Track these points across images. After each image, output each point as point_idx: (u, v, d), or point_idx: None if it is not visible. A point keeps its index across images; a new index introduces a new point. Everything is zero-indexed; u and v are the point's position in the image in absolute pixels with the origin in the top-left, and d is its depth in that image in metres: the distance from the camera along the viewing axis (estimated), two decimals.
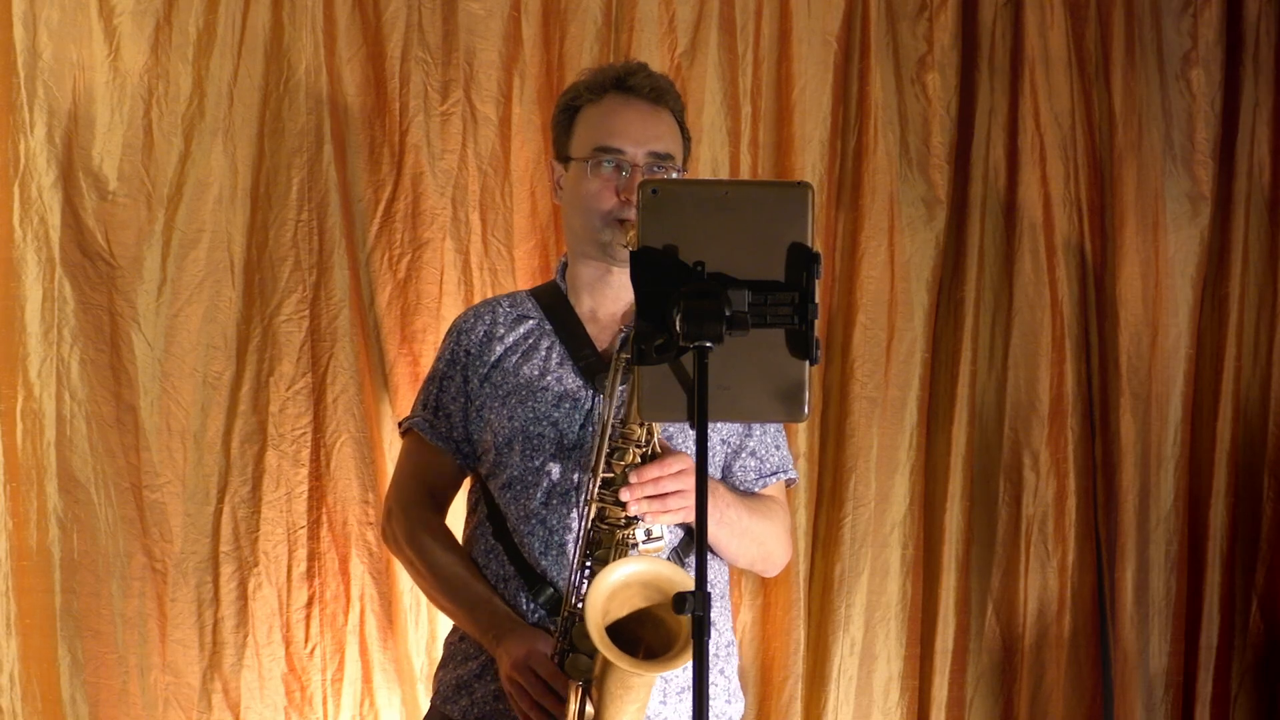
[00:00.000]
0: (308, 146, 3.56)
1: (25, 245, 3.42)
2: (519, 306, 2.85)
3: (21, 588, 3.40)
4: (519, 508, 2.69)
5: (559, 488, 2.67)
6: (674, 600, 2.10)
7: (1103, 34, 4.11)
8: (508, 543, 2.69)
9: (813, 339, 2.20)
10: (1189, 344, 4.15)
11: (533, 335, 2.80)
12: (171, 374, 3.49)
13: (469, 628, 2.70)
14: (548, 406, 2.71)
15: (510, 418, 2.71)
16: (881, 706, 3.91)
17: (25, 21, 3.42)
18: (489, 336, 2.80)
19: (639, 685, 2.44)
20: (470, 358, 2.80)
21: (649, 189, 2.19)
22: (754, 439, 2.81)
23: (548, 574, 2.65)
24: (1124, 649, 4.03)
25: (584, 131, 2.80)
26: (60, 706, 3.40)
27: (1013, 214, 4.04)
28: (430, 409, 2.82)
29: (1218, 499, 4.13)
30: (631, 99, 2.80)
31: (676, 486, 2.54)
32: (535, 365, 2.75)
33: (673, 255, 2.18)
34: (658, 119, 2.80)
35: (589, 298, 2.81)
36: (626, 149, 2.75)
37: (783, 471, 2.85)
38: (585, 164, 2.76)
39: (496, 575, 2.70)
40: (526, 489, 2.68)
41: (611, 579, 2.43)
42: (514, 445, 2.69)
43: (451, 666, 2.75)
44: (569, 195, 2.81)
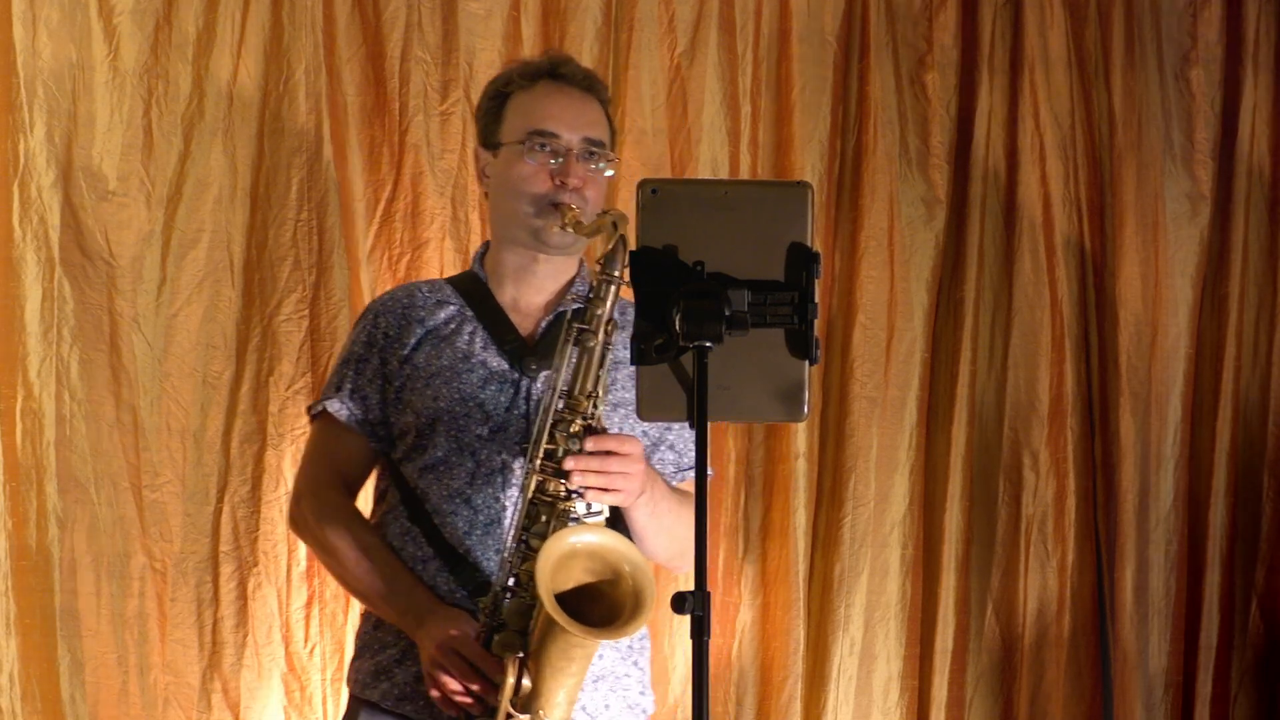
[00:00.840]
0: (308, 146, 3.56)
1: (25, 245, 3.42)
2: (438, 292, 2.79)
3: (21, 588, 3.40)
4: (442, 488, 2.64)
5: (484, 468, 2.63)
6: (673, 600, 2.10)
7: (1103, 34, 4.11)
8: (427, 525, 2.64)
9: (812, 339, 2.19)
10: (1189, 344, 4.16)
11: (454, 320, 2.74)
12: (171, 374, 3.49)
13: (386, 612, 2.64)
14: (473, 388, 2.67)
15: (435, 398, 2.66)
16: (881, 706, 3.91)
17: (25, 21, 3.42)
18: (407, 319, 2.75)
19: (580, 657, 2.42)
20: (389, 340, 2.73)
21: (649, 189, 2.19)
22: (673, 433, 2.77)
23: (471, 554, 2.61)
24: (1124, 649, 4.03)
25: (516, 117, 2.75)
26: (60, 706, 3.40)
27: (1013, 214, 4.04)
28: (345, 392, 2.74)
29: (1218, 499, 4.13)
30: (564, 86, 2.77)
31: (623, 468, 2.49)
32: (459, 349, 2.71)
33: (672, 255, 2.18)
34: (590, 106, 2.77)
35: (512, 286, 2.76)
36: (561, 133, 2.71)
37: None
38: (519, 147, 2.71)
39: (413, 558, 2.64)
40: (451, 469, 2.64)
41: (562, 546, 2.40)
42: (438, 426, 2.64)
43: (368, 655, 2.69)
44: (498, 180, 2.76)
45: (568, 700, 2.45)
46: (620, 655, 2.68)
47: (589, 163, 2.71)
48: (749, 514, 3.87)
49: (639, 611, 2.39)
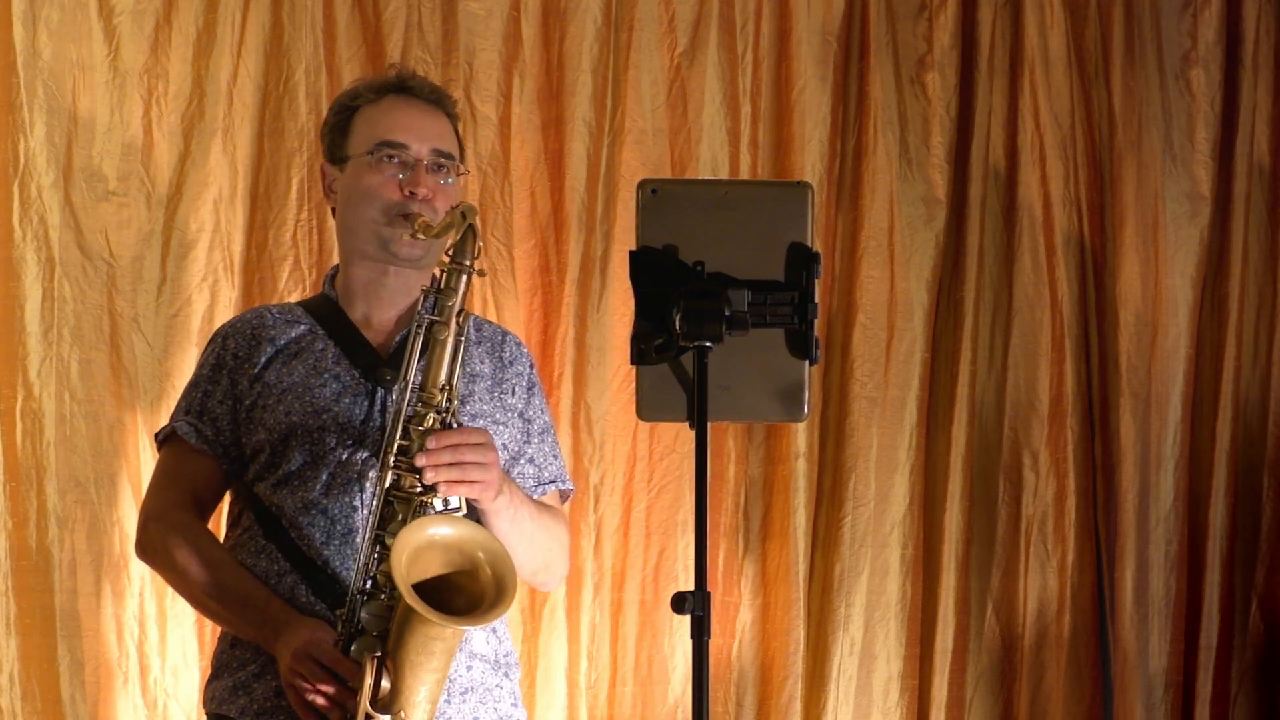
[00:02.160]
0: (308, 146, 3.56)
1: (25, 245, 3.42)
2: (288, 313, 2.76)
3: (21, 588, 3.40)
4: (296, 500, 2.58)
5: (339, 477, 2.58)
6: (673, 601, 2.10)
7: (1103, 34, 4.11)
8: (282, 539, 2.59)
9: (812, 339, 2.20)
10: (1189, 344, 4.15)
11: (305, 339, 2.70)
12: (171, 374, 3.49)
13: (242, 629, 2.59)
14: (327, 400, 2.62)
15: (287, 413, 2.61)
16: (881, 706, 3.91)
17: (25, 21, 3.42)
18: (256, 339, 2.70)
19: (440, 650, 2.37)
20: (238, 360, 2.69)
21: (649, 189, 2.19)
22: (533, 446, 2.73)
23: (330, 564, 2.56)
24: (1124, 649, 4.03)
25: (364, 129, 2.72)
26: (60, 706, 3.40)
27: (1013, 214, 4.04)
28: (195, 414, 2.69)
29: (1218, 499, 4.12)
30: (411, 99, 2.75)
31: (476, 458, 2.45)
32: (310, 364, 2.66)
33: (672, 255, 2.18)
34: (437, 119, 2.75)
35: (363, 303, 2.72)
36: (410, 144, 2.68)
37: (560, 481, 2.77)
38: (367, 158, 2.68)
39: (269, 573, 2.59)
40: (305, 481, 2.58)
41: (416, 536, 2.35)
42: (291, 440, 2.60)
43: (226, 675, 2.62)
44: (346, 194, 2.72)
45: (429, 699, 2.39)
46: (490, 666, 2.63)
47: (438, 175, 2.67)
48: (749, 514, 3.86)
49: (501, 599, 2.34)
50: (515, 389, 2.71)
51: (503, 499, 2.49)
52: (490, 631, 2.64)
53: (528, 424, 2.72)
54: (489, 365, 2.71)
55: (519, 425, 2.71)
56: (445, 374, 2.48)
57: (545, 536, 2.64)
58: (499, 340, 2.77)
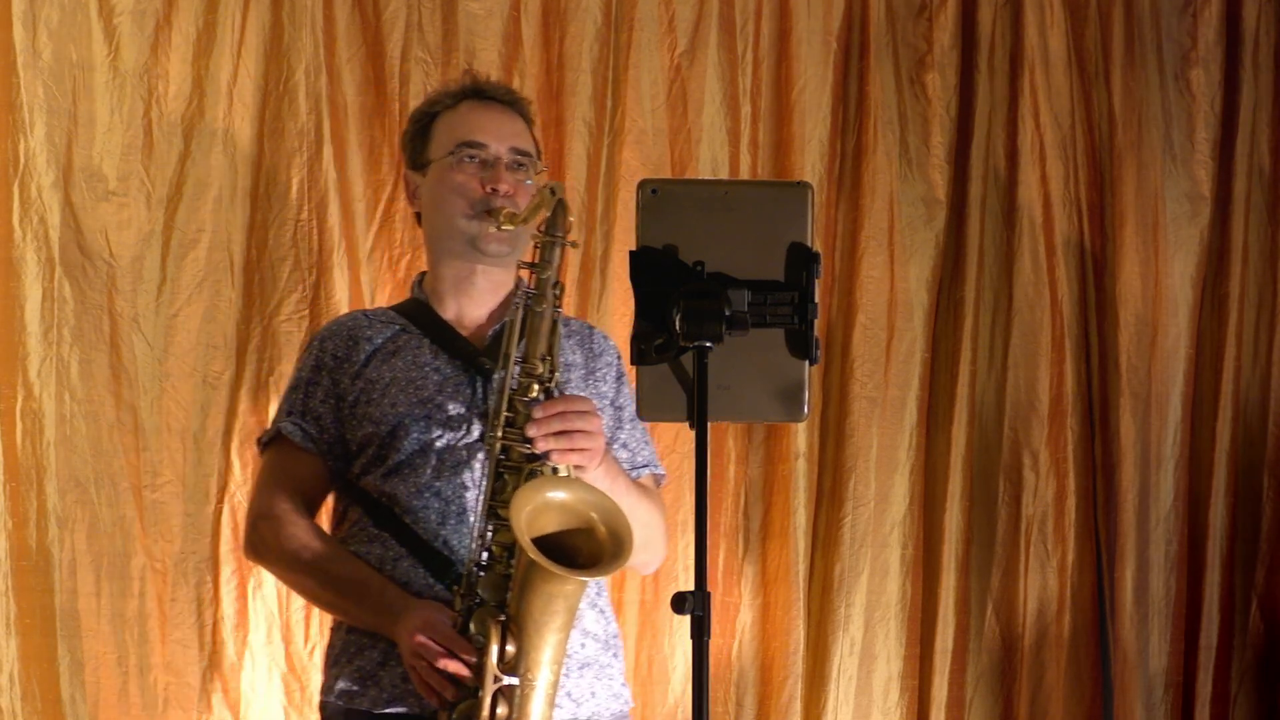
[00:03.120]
0: (308, 146, 3.56)
1: (25, 245, 3.42)
2: (381, 315, 2.86)
3: (21, 588, 3.40)
4: (409, 486, 2.65)
5: (449, 460, 2.65)
6: (673, 601, 2.10)
7: (1103, 34, 4.11)
8: (396, 526, 2.65)
9: (812, 339, 2.20)
10: (1189, 344, 4.15)
11: (400, 338, 2.79)
12: (171, 374, 3.49)
13: (360, 618, 2.64)
14: (431, 390, 2.70)
15: (393, 404, 2.69)
16: (881, 706, 3.91)
17: (25, 21, 3.41)
18: (354, 339, 2.79)
19: (563, 609, 2.40)
20: (337, 360, 2.77)
21: (649, 189, 2.20)
22: (625, 432, 2.81)
23: (446, 544, 2.62)
24: (1124, 649, 4.03)
25: (443, 134, 2.83)
26: (60, 706, 3.40)
27: (1013, 214, 4.04)
28: (297, 414, 2.77)
29: (1218, 499, 4.12)
30: (488, 102, 2.86)
31: (583, 425, 2.51)
32: (409, 360, 2.74)
33: (672, 255, 2.18)
34: (513, 119, 2.86)
35: (453, 302, 2.81)
36: (489, 143, 2.78)
37: (652, 466, 2.86)
38: (449, 159, 2.78)
39: (383, 559, 2.65)
40: (415, 468, 2.65)
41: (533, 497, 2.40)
42: (399, 431, 2.67)
43: (344, 662, 2.68)
44: (430, 196, 2.82)
45: (555, 660, 2.44)
46: (600, 645, 2.70)
47: (517, 173, 2.77)
48: (749, 514, 3.87)
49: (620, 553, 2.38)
50: (606, 377, 2.81)
51: (602, 469, 2.56)
52: (599, 612, 2.72)
53: (619, 411, 2.80)
54: (580, 355, 2.80)
55: (610, 413, 2.79)
56: (545, 345, 2.56)
57: (643, 513, 2.69)
58: (586, 333, 2.87)
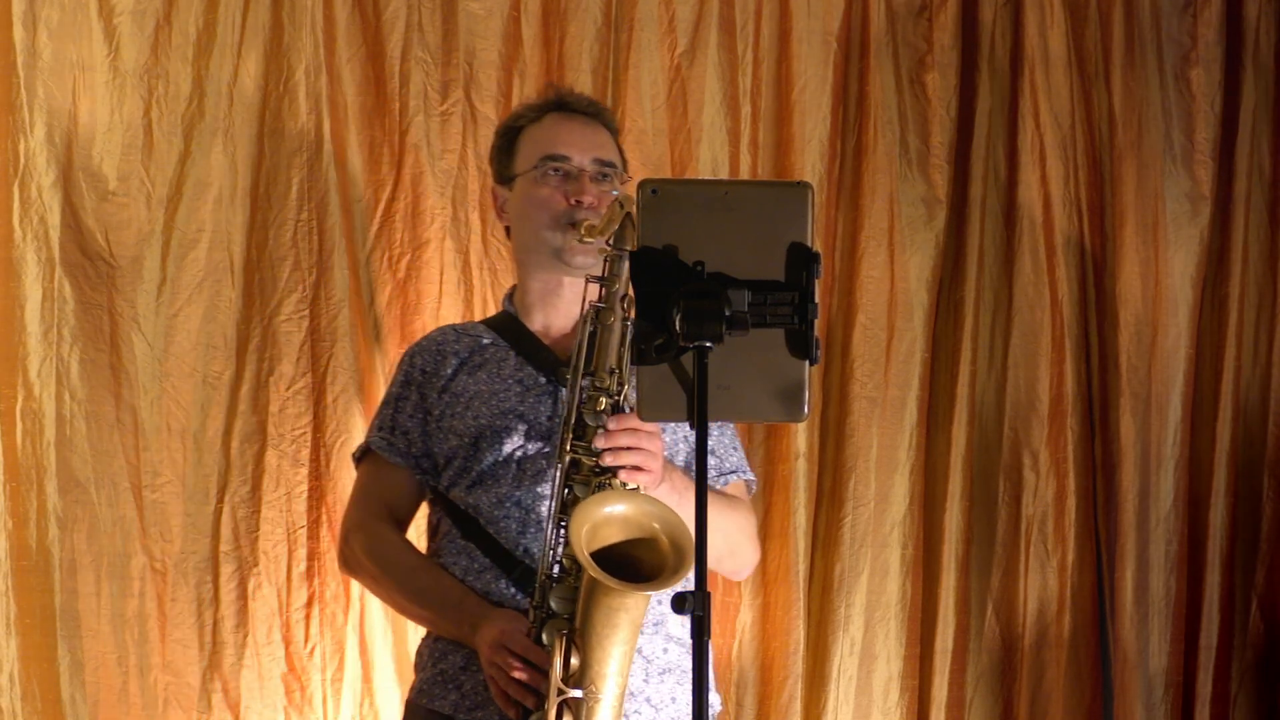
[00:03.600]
0: (308, 146, 3.56)
1: (25, 245, 3.42)
2: (470, 329, 2.91)
3: (21, 588, 3.40)
4: (492, 496, 2.70)
5: (529, 469, 2.70)
6: (673, 601, 2.10)
7: (1103, 34, 4.11)
8: (481, 537, 2.70)
9: (812, 339, 2.20)
10: (1189, 344, 4.15)
11: (488, 350, 2.84)
12: (171, 374, 3.49)
13: (445, 628, 2.71)
14: (513, 401, 2.75)
15: (475, 417, 2.75)
16: (881, 706, 3.91)
17: (25, 21, 3.42)
18: (442, 354, 2.85)
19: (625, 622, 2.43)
20: (425, 376, 2.84)
21: (649, 189, 2.20)
22: (712, 438, 2.82)
23: (529, 552, 2.66)
24: (1124, 649, 4.03)
25: (528, 148, 2.88)
26: (60, 706, 3.40)
27: (1013, 214, 4.04)
28: (387, 429, 2.85)
29: (1218, 499, 4.12)
30: (571, 114, 2.90)
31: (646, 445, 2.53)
32: (494, 372, 2.80)
33: (672, 255, 2.18)
34: (596, 130, 2.90)
35: (540, 314, 2.86)
36: (573, 155, 2.83)
37: (741, 472, 2.89)
38: (533, 173, 2.82)
39: (468, 569, 2.71)
40: (497, 478, 2.70)
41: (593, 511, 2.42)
42: (480, 443, 2.72)
43: (430, 665, 2.75)
44: (517, 210, 2.87)
45: (620, 672, 2.46)
46: (685, 650, 2.71)
47: (602, 184, 2.81)
48: None
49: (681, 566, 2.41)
50: None
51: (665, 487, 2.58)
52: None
53: None
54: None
55: None
56: (614, 358, 2.58)
57: (723, 521, 2.71)
58: None
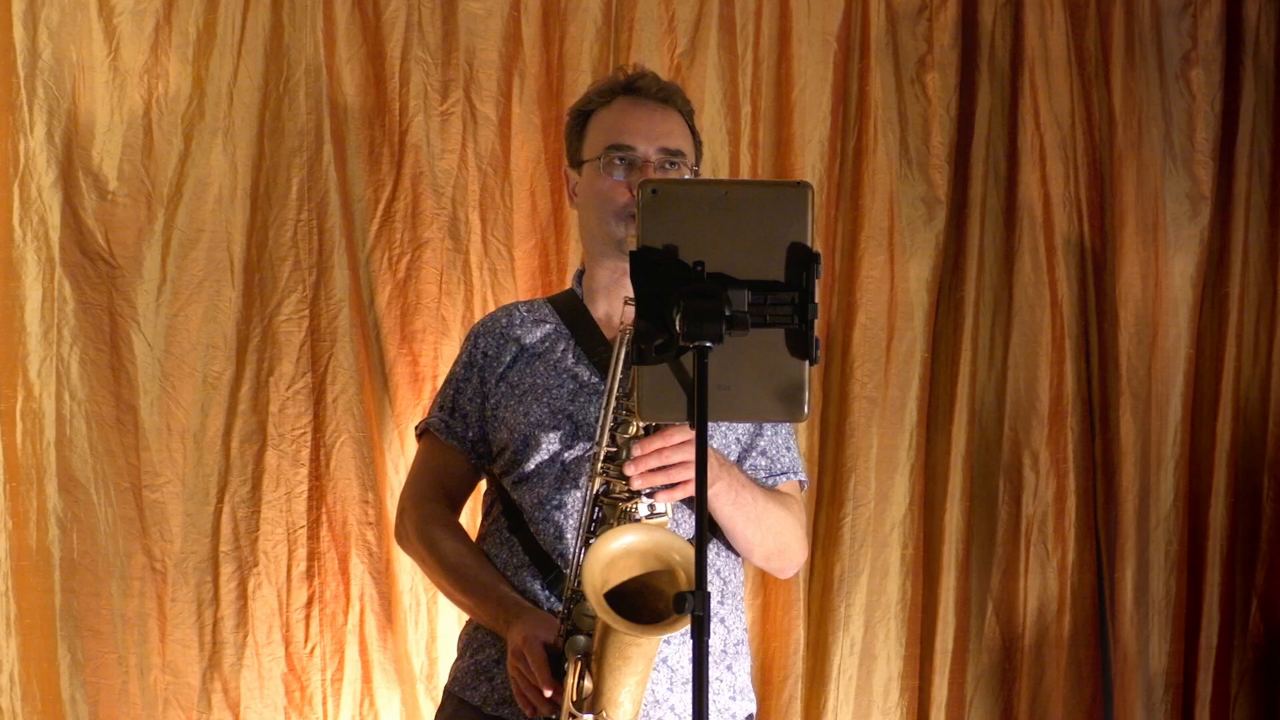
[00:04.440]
0: (308, 146, 3.56)
1: (25, 245, 3.42)
2: (536, 312, 2.90)
3: (21, 588, 3.40)
4: (534, 496, 2.71)
5: (572, 474, 2.71)
6: (674, 600, 2.10)
7: (1103, 34, 4.11)
8: (524, 534, 2.72)
9: (812, 339, 2.19)
10: (1189, 344, 4.15)
11: (549, 339, 2.84)
12: (171, 374, 3.49)
13: (482, 616, 2.73)
14: (564, 400, 2.75)
15: (526, 414, 2.75)
16: (881, 706, 3.91)
17: (25, 21, 3.42)
18: (505, 338, 2.85)
19: (636, 656, 2.43)
20: (487, 359, 2.84)
21: (649, 189, 2.20)
22: (765, 438, 2.83)
23: (564, 556, 2.67)
24: (1124, 649, 4.03)
25: (596, 134, 2.85)
26: (60, 706, 3.40)
27: (1013, 214, 4.04)
28: (447, 410, 2.86)
29: (1218, 499, 4.13)
30: (640, 100, 2.86)
31: (680, 457, 2.52)
32: (551, 364, 2.80)
33: (673, 255, 2.18)
34: (666, 117, 2.86)
35: (604, 301, 2.86)
36: (638, 146, 2.80)
37: (793, 472, 2.87)
38: (598, 163, 2.81)
39: (508, 564, 2.73)
40: (542, 479, 2.71)
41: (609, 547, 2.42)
42: (529, 440, 2.73)
43: (468, 655, 2.78)
44: (584, 197, 2.86)
45: (632, 700, 2.47)
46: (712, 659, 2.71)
47: (668, 173, 2.79)
48: None
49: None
50: None
51: (720, 485, 2.59)
52: (719, 621, 2.75)
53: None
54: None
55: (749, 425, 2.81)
56: None
57: (775, 519, 2.73)
58: None
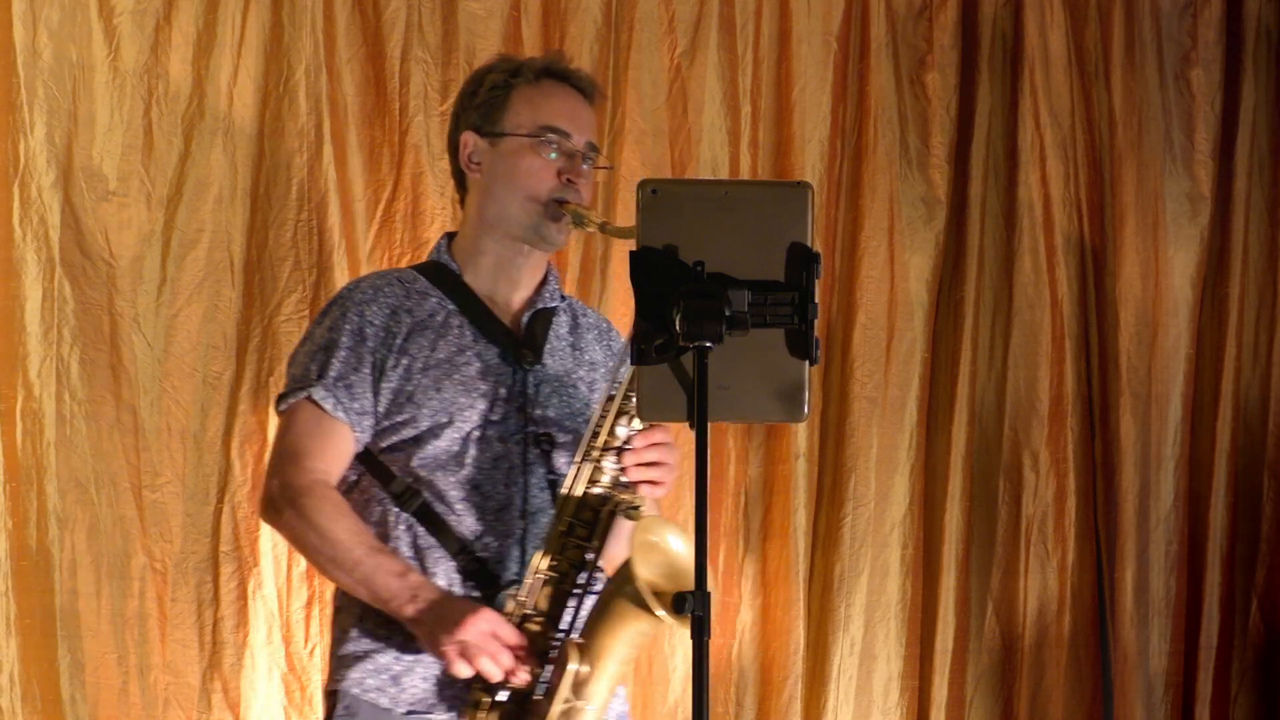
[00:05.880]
0: (308, 146, 3.56)
1: (25, 245, 3.42)
2: (415, 283, 2.77)
3: (22, 588, 3.40)
4: (449, 478, 2.63)
5: (487, 455, 2.64)
6: (674, 601, 2.10)
7: (1103, 34, 4.11)
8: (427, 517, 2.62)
9: (812, 339, 2.20)
10: (1189, 344, 4.16)
11: (438, 313, 2.73)
12: (171, 374, 3.49)
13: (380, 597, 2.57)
14: (473, 379, 2.67)
15: (438, 391, 2.66)
16: (881, 706, 3.91)
17: (25, 21, 3.41)
18: (394, 310, 2.72)
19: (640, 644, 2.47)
20: (376, 329, 2.69)
21: (649, 189, 2.19)
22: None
23: (481, 541, 2.61)
24: (1124, 649, 4.03)
25: (524, 109, 2.76)
26: (60, 706, 3.40)
27: (1013, 214, 4.04)
28: (329, 380, 2.66)
29: (1218, 499, 4.13)
30: (571, 89, 2.81)
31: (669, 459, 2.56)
32: (452, 342, 2.70)
33: (672, 255, 2.18)
34: (590, 111, 2.83)
35: (489, 280, 2.76)
36: (573, 134, 2.75)
37: None
38: (528, 140, 2.73)
39: (415, 549, 2.63)
40: (459, 461, 2.63)
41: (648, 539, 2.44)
42: (440, 419, 2.64)
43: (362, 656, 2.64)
44: (499, 171, 2.75)
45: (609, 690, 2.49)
46: None
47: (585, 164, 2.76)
48: (749, 514, 3.87)
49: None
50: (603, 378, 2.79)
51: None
52: None
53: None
54: (600, 354, 2.81)
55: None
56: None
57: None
58: (604, 328, 2.87)
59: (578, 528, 2.54)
